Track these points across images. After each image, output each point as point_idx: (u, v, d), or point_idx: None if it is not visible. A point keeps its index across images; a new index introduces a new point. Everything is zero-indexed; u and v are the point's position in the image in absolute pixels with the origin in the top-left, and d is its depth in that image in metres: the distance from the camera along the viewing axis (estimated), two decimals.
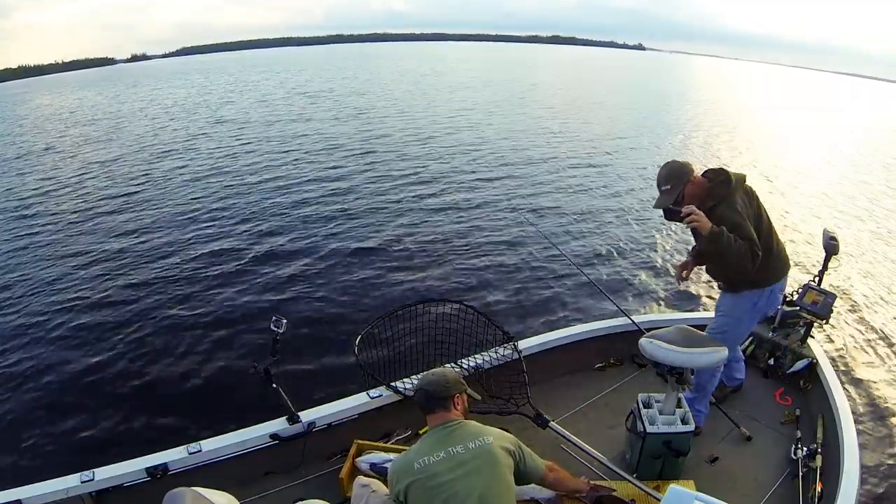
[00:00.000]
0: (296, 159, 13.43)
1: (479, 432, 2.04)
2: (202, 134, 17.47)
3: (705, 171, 2.82)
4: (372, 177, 11.61)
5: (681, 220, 2.64)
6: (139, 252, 7.75)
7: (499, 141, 15.70)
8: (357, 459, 2.73)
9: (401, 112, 21.51)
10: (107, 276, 6.98)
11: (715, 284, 6.92)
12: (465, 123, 18.77)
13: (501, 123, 19.06)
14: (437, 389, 2.09)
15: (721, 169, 2.78)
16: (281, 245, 7.85)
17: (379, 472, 2.58)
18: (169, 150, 15.02)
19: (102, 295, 6.46)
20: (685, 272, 3.06)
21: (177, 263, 7.28)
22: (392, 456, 2.64)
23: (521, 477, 2.11)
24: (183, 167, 12.96)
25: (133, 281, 6.82)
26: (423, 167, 12.43)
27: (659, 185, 2.80)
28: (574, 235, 8.45)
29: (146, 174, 12.45)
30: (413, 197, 10.17)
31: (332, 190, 10.67)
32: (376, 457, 2.69)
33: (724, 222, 2.57)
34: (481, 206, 9.69)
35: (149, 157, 14.27)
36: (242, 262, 7.29)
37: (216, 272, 6.97)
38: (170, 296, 6.38)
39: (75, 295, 6.49)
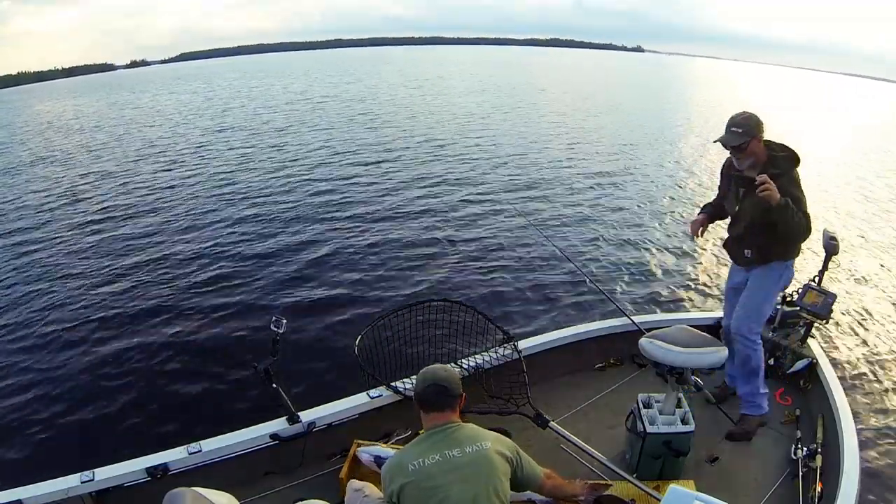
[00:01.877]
0: (297, 162, 13.47)
1: (476, 436, 1.97)
2: (203, 138, 17.52)
3: (765, 140, 2.85)
4: (372, 178, 11.64)
5: (746, 186, 2.67)
6: (138, 252, 7.77)
7: (499, 143, 15.75)
8: (359, 450, 2.71)
9: (403, 116, 21.55)
10: (106, 277, 6.98)
11: (721, 269, 6.96)
12: (467, 126, 18.80)
13: (503, 125, 19.12)
14: (450, 387, 1.99)
15: (786, 145, 2.84)
16: (281, 245, 7.87)
17: (381, 465, 2.57)
18: (167, 154, 15.08)
19: (102, 295, 6.47)
20: (701, 230, 3.06)
21: (176, 264, 7.30)
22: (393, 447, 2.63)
23: (519, 484, 2.06)
24: (182, 170, 12.99)
25: (133, 281, 6.83)
26: (424, 169, 12.46)
27: (729, 126, 2.76)
28: (574, 236, 8.46)
29: (145, 177, 12.49)
30: (413, 198, 10.19)
31: (332, 191, 10.69)
32: (381, 450, 2.66)
33: (785, 194, 2.63)
34: (482, 207, 9.71)
35: (148, 161, 14.31)
36: (243, 262, 7.31)
37: (216, 272, 6.98)
38: (170, 296, 6.38)
39: (75, 296, 6.50)
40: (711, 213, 3.18)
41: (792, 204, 2.61)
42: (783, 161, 2.77)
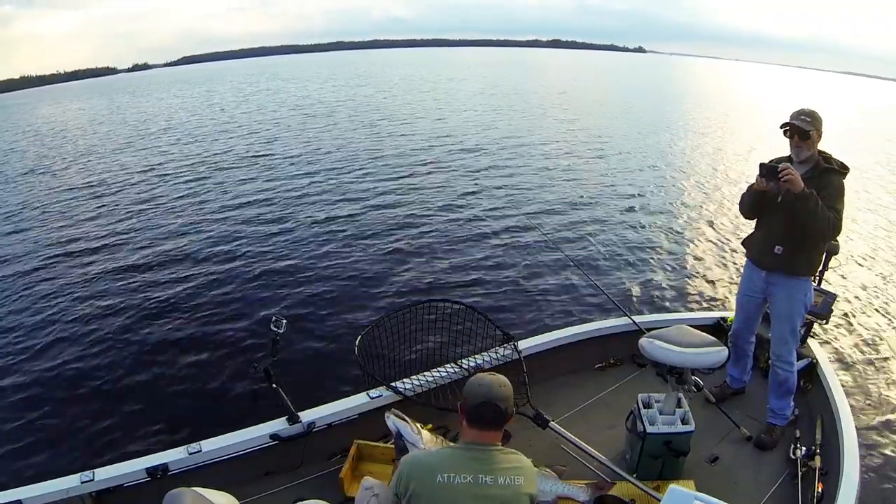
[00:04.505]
0: (297, 162, 13.48)
1: (514, 468, 1.86)
2: (204, 140, 17.56)
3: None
4: (372, 179, 11.64)
5: (774, 176, 2.67)
6: (139, 253, 7.78)
7: (502, 144, 15.70)
8: (391, 413, 2.59)
9: (408, 116, 21.53)
10: (106, 278, 7.00)
11: (721, 269, 6.94)
12: (470, 126, 18.81)
13: (505, 126, 19.08)
14: (504, 407, 1.84)
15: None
16: (281, 246, 7.88)
17: (400, 447, 2.51)
18: (168, 153, 15.15)
19: (102, 296, 6.48)
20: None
21: (177, 265, 7.31)
22: (420, 432, 2.52)
23: None
24: (183, 172, 13.00)
25: (133, 282, 6.84)
26: (425, 169, 12.46)
27: (797, 114, 2.82)
28: (575, 236, 8.46)
29: (145, 178, 12.53)
30: (414, 198, 10.20)
31: (332, 192, 10.70)
32: (407, 430, 2.52)
33: (832, 188, 2.73)
34: (482, 207, 9.71)
35: (149, 162, 14.36)
36: (243, 262, 7.32)
37: (217, 273, 6.99)
38: (170, 296, 6.39)
39: (75, 296, 6.51)
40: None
41: (817, 197, 2.64)
42: (835, 161, 2.83)
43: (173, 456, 2.59)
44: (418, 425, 2.58)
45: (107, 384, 4.85)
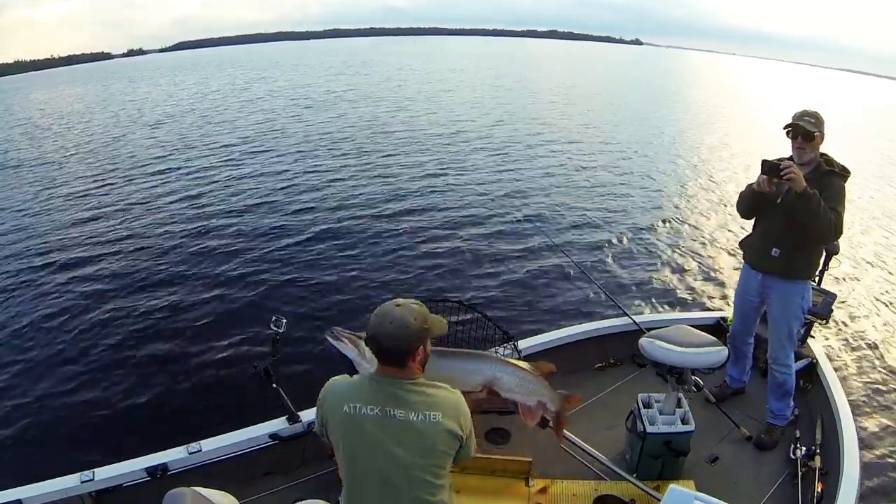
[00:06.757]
0: (298, 159, 13.35)
1: (429, 403, 1.72)
2: (201, 133, 17.36)
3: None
4: (373, 177, 11.54)
5: (777, 173, 2.65)
6: (139, 252, 7.72)
7: (503, 141, 15.55)
8: (334, 332, 2.26)
9: (409, 110, 21.29)
10: (105, 277, 6.94)
11: (721, 268, 6.97)
12: (471, 122, 18.63)
13: (506, 122, 18.92)
14: (393, 346, 1.69)
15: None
16: (281, 245, 7.82)
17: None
18: (166, 149, 14.95)
19: (101, 296, 6.43)
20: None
21: (177, 264, 7.24)
22: (364, 351, 2.17)
23: (455, 460, 1.82)
24: (181, 167, 12.85)
25: (133, 281, 6.78)
26: (424, 168, 12.34)
27: (801, 115, 2.81)
28: (575, 235, 8.43)
29: (142, 173, 12.40)
30: (414, 197, 10.13)
31: (333, 190, 10.61)
32: (347, 349, 2.21)
33: (833, 189, 2.72)
34: (482, 206, 9.65)
35: (148, 155, 14.22)
36: (243, 262, 7.26)
37: (216, 272, 6.94)
38: (170, 296, 6.34)
39: (73, 295, 6.46)
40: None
41: (819, 197, 2.61)
42: (837, 164, 2.82)
43: (173, 456, 2.59)
44: (362, 343, 2.22)
45: (106, 384, 4.82)
